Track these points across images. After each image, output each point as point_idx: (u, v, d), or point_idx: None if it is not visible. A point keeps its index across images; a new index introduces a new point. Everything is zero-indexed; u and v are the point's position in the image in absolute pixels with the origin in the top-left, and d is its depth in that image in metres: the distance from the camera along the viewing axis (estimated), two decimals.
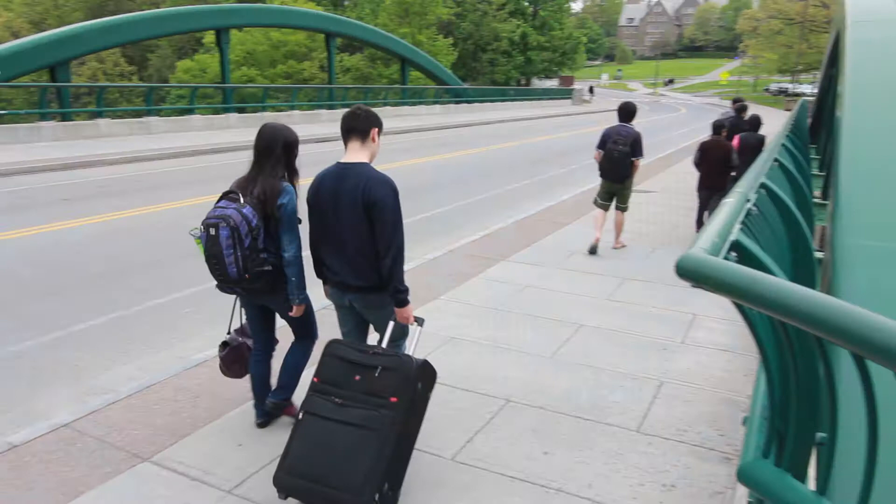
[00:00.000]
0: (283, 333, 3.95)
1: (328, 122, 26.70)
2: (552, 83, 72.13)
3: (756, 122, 10.05)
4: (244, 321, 3.93)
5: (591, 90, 67.19)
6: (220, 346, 3.95)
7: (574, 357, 5.01)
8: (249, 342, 3.92)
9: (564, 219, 10.24)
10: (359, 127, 3.37)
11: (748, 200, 2.94)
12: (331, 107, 30.00)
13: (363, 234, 3.30)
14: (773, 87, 63.00)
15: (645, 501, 3.23)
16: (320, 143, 19.59)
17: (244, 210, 3.39)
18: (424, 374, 3.17)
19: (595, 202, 8.52)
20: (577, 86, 67.26)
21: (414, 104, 36.29)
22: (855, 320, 1.42)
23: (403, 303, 3.39)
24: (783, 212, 3.66)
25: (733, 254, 2.23)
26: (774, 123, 15.16)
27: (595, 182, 9.13)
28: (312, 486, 2.95)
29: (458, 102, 40.63)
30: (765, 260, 2.32)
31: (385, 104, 34.53)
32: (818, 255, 7.06)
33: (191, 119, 23.13)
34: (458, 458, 3.61)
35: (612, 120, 8.35)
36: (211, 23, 27.31)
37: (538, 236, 9.08)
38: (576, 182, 14.16)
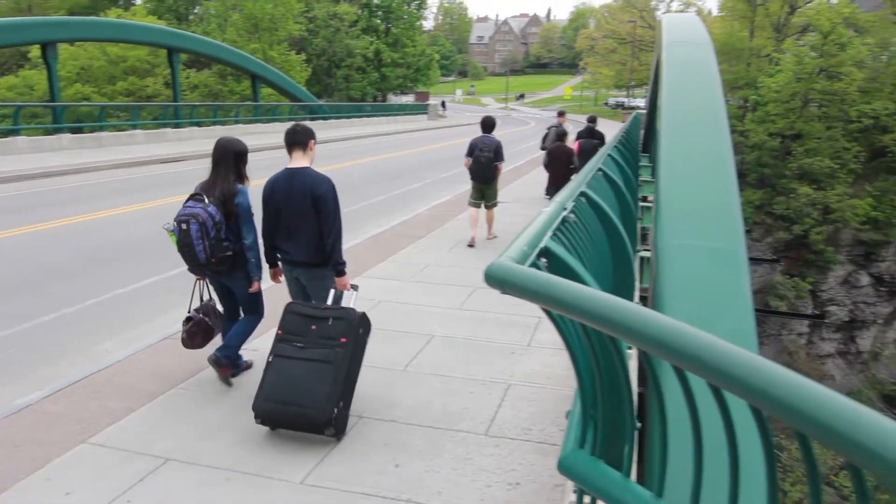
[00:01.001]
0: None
1: (175, 140, 25.30)
2: (408, 99, 73.25)
3: (592, 130, 12.08)
4: (204, 300, 4.83)
5: (443, 105, 68.98)
6: (183, 321, 4.80)
7: (426, 368, 5.10)
8: (207, 319, 4.78)
9: (419, 232, 10.40)
10: (300, 140, 4.52)
11: (565, 209, 3.16)
12: (177, 125, 28.44)
13: (311, 222, 4.39)
14: (612, 101, 68.01)
15: (492, 502, 3.35)
16: (164, 163, 18.55)
17: (209, 209, 4.37)
18: (364, 323, 4.24)
19: (469, 203, 9.85)
20: (431, 101, 68.77)
21: (267, 121, 35.36)
22: (635, 318, 1.57)
23: (342, 273, 4.58)
24: (603, 217, 3.96)
25: (543, 260, 2.39)
26: (613, 134, 16.30)
27: (446, 194, 9.53)
28: (285, 407, 3.87)
29: (313, 119, 40.09)
30: (573, 264, 2.50)
31: (236, 122, 33.33)
32: (646, 253, 7.72)
33: (15, 141, 21.00)
34: (308, 482, 3.55)
35: (468, 134, 10.31)
36: (35, 36, 24.91)
37: (393, 250, 9.16)
38: (430, 196, 14.44)
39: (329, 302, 4.47)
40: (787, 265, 29.79)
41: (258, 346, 5.15)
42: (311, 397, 3.82)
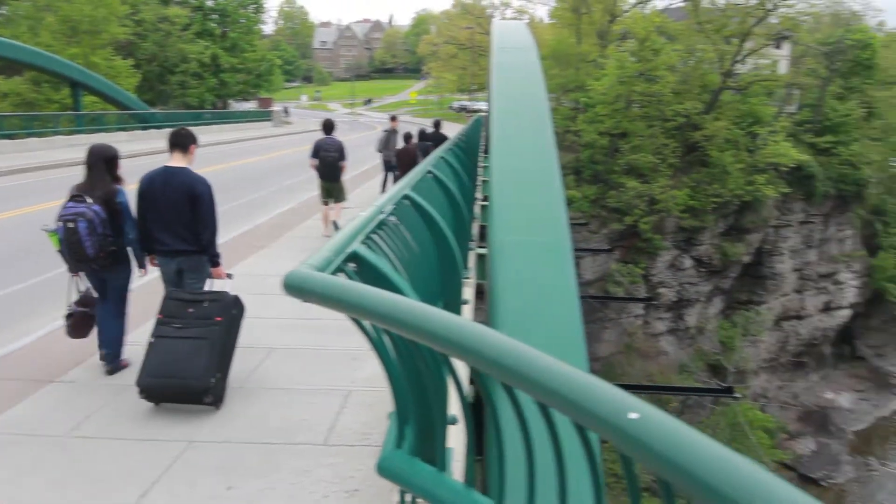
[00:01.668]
0: None
1: None
2: (251, 105, 70.69)
3: (424, 133, 13.17)
4: (83, 293, 5.09)
5: (286, 111, 67.37)
6: (65, 316, 5.08)
7: (265, 382, 4.94)
8: (88, 310, 5.07)
9: (260, 242, 10.07)
10: (181, 142, 5.05)
11: (382, 212, 3.17)
12: None
13: (187, 216, 4.87)
14: (456, 104, 69.89)
15: None
16: None
17: (94, 207, 4.78)
18: (237, 304, 4.74)
19: (321, 201, 10.57)
20: (275, 107, 66.88)
21: (92, 132, 32.59)
22: (427, 320, 1.60)
23: (218, 264, 5.16)
24: (429, 221, 4.03)
25: (353, 265, 2.38)
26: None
27: (291, 202, 9.47)
28: (167, 380, 4.26)
29: (146, 128, 37.52)
30: (384, 269, 2.50)
31: (55, 133, 30.39)
32: (482, 250, 7.99)
33: None
34: None
35: (316, 140, 10.57)
36: None
37: (232, 262, 8.77)
38: (275, 204, 14.04)
39: (205, 287, 5.07)
40: (621, 254, 32.22)
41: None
42: (190, 369, 4.25)
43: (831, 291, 40.41)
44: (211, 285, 5.16)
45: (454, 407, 2.15)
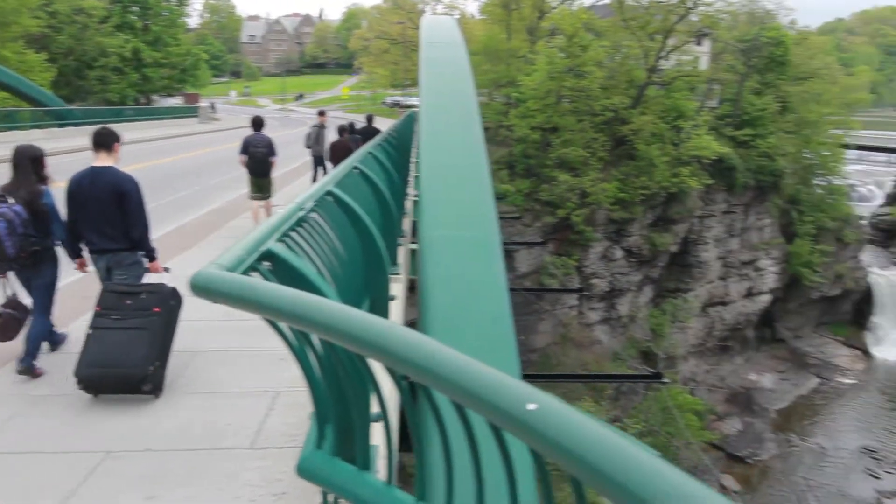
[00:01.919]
0: None
1: None
2: (176, 101, 68.34)
3: (353, 127, 13.34)
4: (9, 297, 5.02)
5: (212, 107, 65.50)
6: None
7: (190, 387, 4.79)
8: (15, 312, 5.00)
9: (186, 242, 9.76)
10: (105, 141, 5.10)
11: (303, 209, 3.11)
12: None
13: (115, 215, 4.95)
14: (389, 100, 69.49)
15: None
16: None
17: (15, 208, 4.77)
18: (175, 296, 4.82)
19: (250, 197, 10.63)
20: (202, 103, 64.87)
21: (4, 130, 30.83)
22: (332, 316, 1.58)
23: (154, 259, 5.38)
24: (354, 218, 3.98)
25: (267, 264, 2.32)
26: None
27: (219, 201, 9.27)
28: (106, 370, 4.31)
29: (63, 125, 35.75)
30: (301, 267, 2.45)
31: None
32: (414, 246, 7.98)
33: None
34: None
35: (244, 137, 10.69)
36: None
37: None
38: (202, 203, 13.64)
39: (141, 280, 5.19)
40: (555, 246, 32.82)
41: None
42: (129, 359, 4.32)
43: (752, 278, 42.35)
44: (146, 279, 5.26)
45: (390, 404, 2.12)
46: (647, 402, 30.46)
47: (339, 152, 12.88)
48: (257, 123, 10.67)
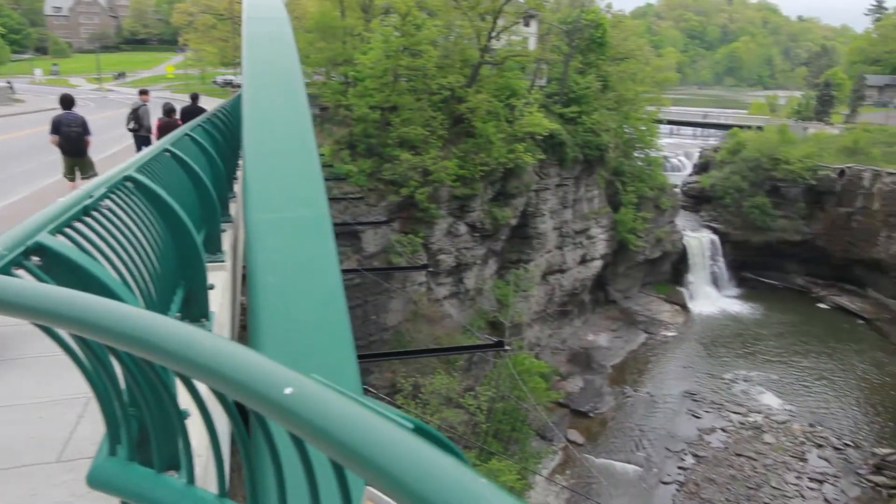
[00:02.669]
0: None
1: None
2: None
3: (170, 108, 12.86)
4: None
5: (10, 87, 58.38)
6: None
7: None
8: None
9: None
10: None
11: (91, 196, 2.83)
12: None
13: None
14: (220, 79, 65.82)
15: None
16: None
17: None
18: None
19: (64, 176, 10.40)
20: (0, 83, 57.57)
21: None
22: (83, 309, 1.43)
23: None
24: (158, 203, 3.69)
25: (36, 259, 2.08)
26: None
27: (24, 191, 8.44)
28: None
29: None
30: (82, 262, 2.21)
31: None
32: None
33: None
34: None
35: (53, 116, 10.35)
36: None
37: None
38: (6, 193, 12.14)
39: None
40: (401, 225, 33.09)
41: None
42: None
43: (585, 245, 45.50)
44: None
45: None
46: (496, 370, 31.82)
47: (167, 133, 12.13)
48: (67, 102, 10.36)
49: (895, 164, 51.93)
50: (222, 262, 5.28)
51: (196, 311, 3.82)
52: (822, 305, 53.30)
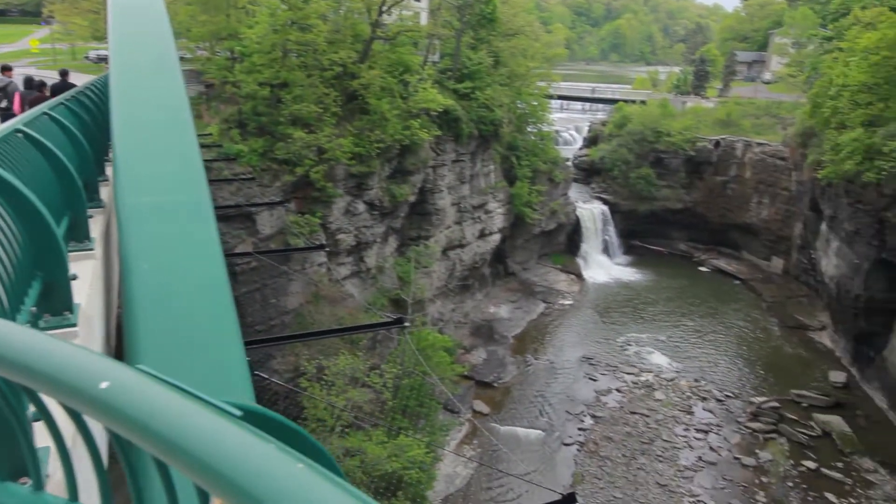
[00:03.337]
0: None
1: None
2: None
3: (31, 82, 12.05)
4: None
5: None
6: None
7: None
8: None
9: None
10: None
11: None
12: None
13: None
14: (92, 54, 61.19)
15: None
16: None
17: None
18: None
19: None
20: None
21: None
22: None
23: None
24: (7, 189, 3.35)
25: None
26: None
27: None
28: None
29: None
30: None
31: None
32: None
33: None
34: None
35: None
36: None
37: None
38: None
39: None
40: (297, 205, 32.27)
41: None
42: None
43: (484, 220, 46.28)
44: None
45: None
46: (400, 347, 31.94)
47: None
48: None
49: (763, 135, 56.06)
50: (90, 250, 4.90)
51: (57, 303, 3.52)
52: (703, 269, 57.11)
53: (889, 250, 33.30)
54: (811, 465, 30.65)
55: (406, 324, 8.90)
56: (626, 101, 67.69)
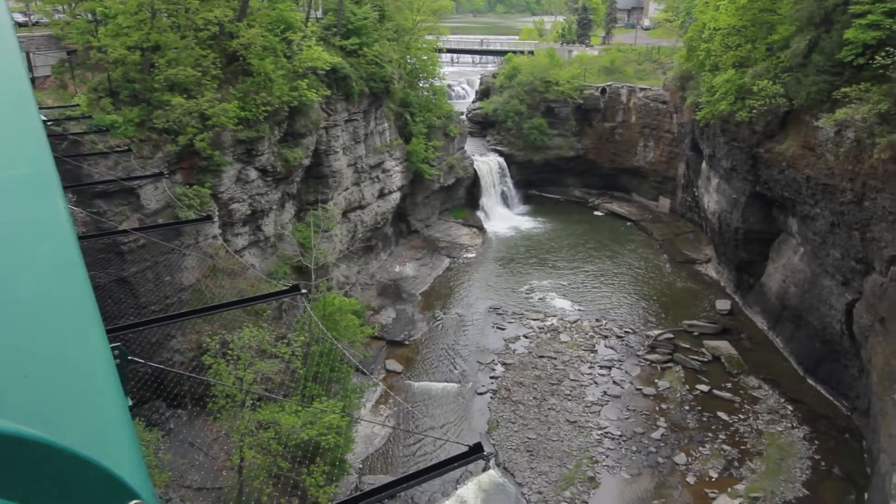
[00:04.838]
0: None
1: None
2: None
3: None
4: None
5: None
6: None
7: None
8: None
9: None
10: None
11: None
12: None
13: None
14: None
15: None
16: None
17: None
18: None
19: None
20: None
21: None
22: None
23: None
24: None
25: None
26: None
27: None
28: None
29: None
30: None
31: None
32: None
33: None
34: None
35: None
36: None
37: None
38: None
39: None
40: (184, 176, 30.52)
41: None
42: None
43: (382, 179, 45.70)
44: None
45: None
46: (306, 315, 31.31)
47: None
48: None
49: (646, 81, 58.16)
50: None
51: None
52: (598, 213, 59.33)
53: (762, 184, 35.68)
54: (704, 388, 32.98)
55: (304, 291, 8.54)
56: (514, 52, 68.15)
